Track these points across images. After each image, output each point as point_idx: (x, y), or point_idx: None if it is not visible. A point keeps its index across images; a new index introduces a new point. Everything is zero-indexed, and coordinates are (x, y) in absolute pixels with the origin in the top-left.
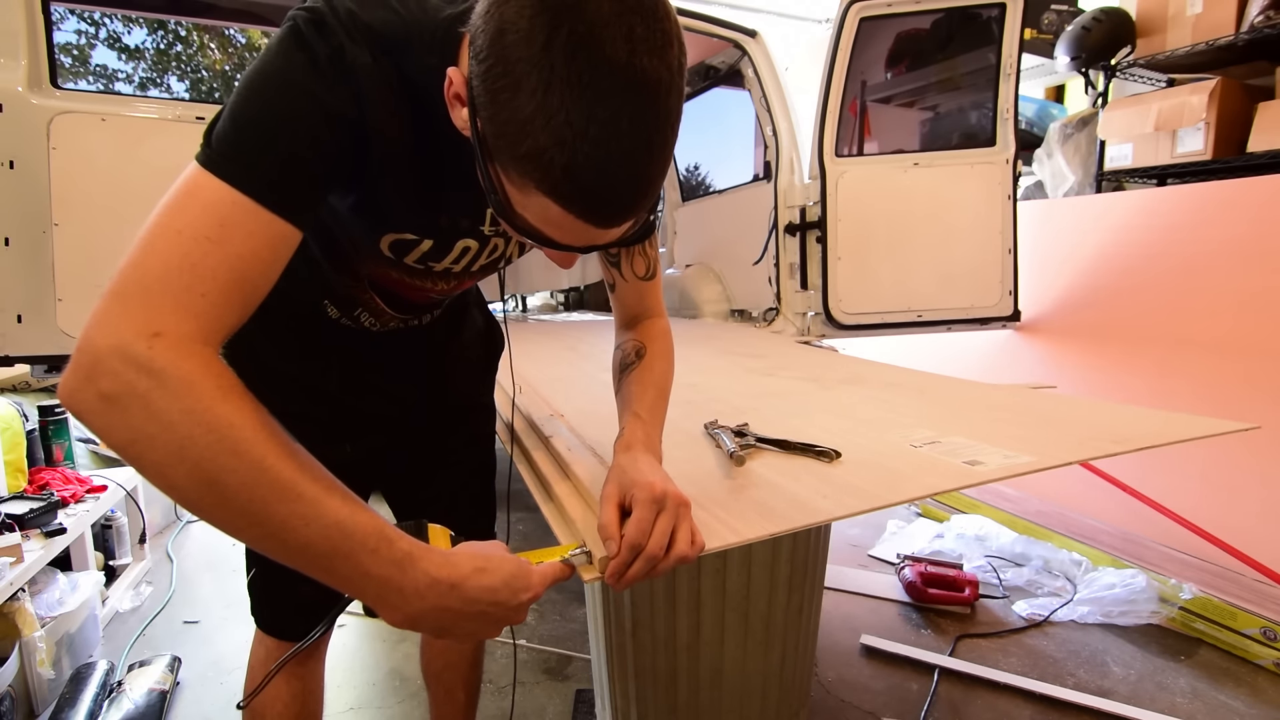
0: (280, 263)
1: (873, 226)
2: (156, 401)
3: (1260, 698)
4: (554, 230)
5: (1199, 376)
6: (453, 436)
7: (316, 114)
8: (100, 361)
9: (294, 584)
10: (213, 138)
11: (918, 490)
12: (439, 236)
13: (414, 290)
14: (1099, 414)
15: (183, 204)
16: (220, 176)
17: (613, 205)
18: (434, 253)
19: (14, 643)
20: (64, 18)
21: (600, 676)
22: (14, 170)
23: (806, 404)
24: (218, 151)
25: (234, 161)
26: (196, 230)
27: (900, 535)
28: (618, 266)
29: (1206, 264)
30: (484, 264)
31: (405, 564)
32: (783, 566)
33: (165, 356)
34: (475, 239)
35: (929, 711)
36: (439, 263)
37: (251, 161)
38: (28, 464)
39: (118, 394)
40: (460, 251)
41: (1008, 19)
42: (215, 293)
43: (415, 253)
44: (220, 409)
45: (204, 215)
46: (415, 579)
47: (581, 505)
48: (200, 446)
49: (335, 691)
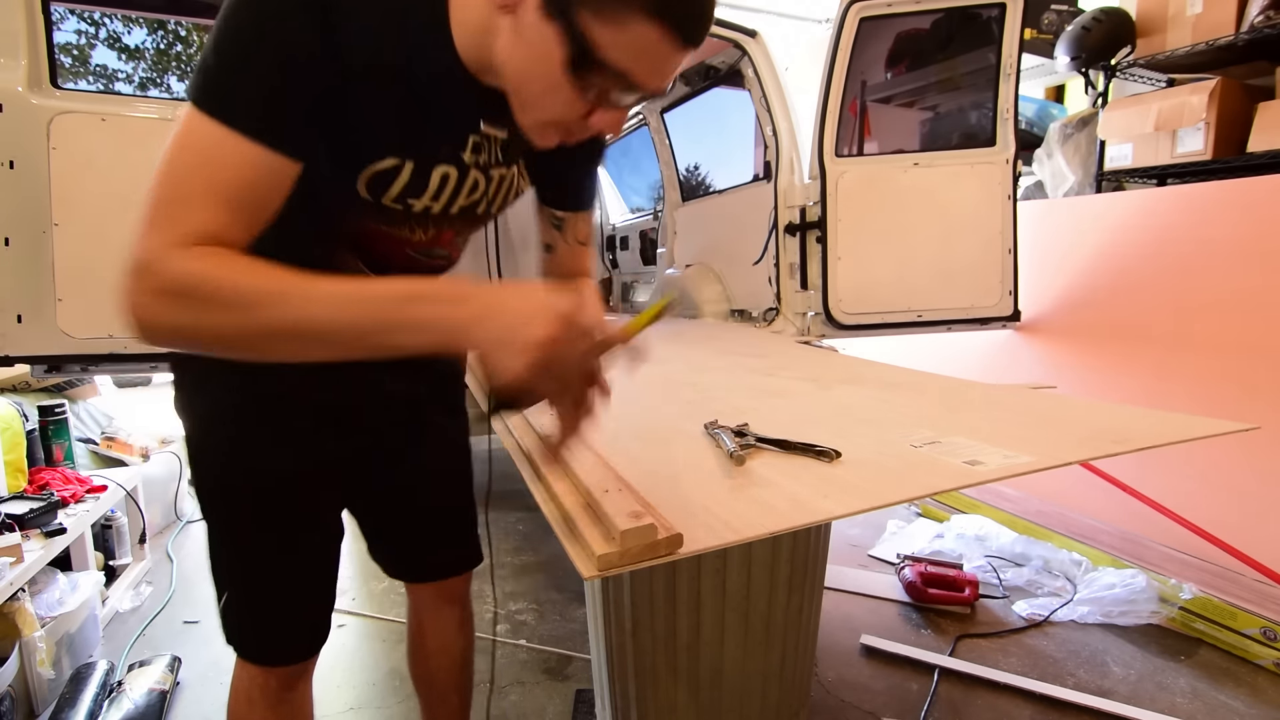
0: (276, 191)
1: (873, 226)
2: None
3: (1260, 698)
4: (641, 63)
5: (1198, 376)
6: (432, 406)
7: (294, 36)
8: (136, 278)
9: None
10: (204, 76)
11: (918, 490)
12: (418, 159)
13: (393, 244)
14: (1099, 414)
15: (178, 154)
16: (205, 112)
17: (702, 17)
18: (412, 185)
19: (14, 643)
20: (64, 18)
21: (600, 676)
22: (14, 170)
23: (806, 404)
24: (200, 86)
25: (214, 96)
26: (189, 173)
27: (900, 535)
28: (561, 230)
29: (1206, 264)
30: (463, 205)
31: (454, 290)
32: (783, 566)
33: (177, 257)
34: (455, 166)
35: (929, 711)
36: (418, 199)
37: (230, 93)
38: (28, 464)
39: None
40: (439, 181)
41: (1008, 19)
42: (208, 214)
43: (394, 186)
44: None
45: (194, 158)
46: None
47: (581, 505)
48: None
49: (335, 691)
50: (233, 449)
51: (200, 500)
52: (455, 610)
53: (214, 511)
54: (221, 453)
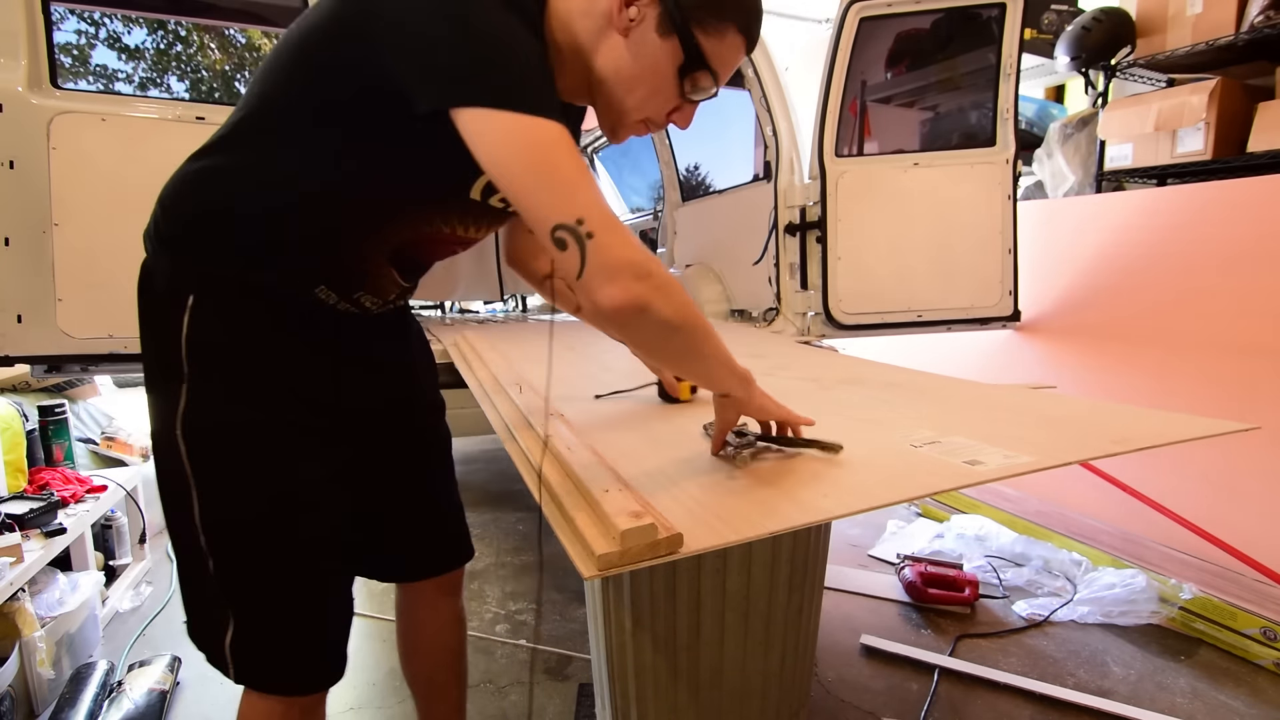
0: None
1: (873, 226)
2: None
3: (1260, 698)
4: (726, 67)
5: (1199, 376)
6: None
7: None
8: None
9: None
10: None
11: (918, 490)
12: None
13: (445, 244)
14: (1099, 414)
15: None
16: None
17: (760, 30)
18: None
19: (14, 643)
20: (64, 18)
21: (600, 676)
22: (14, 170)
23: (806, 404)
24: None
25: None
26: (571, 166)
27: (900, 535)
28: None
29: (1206, 264)
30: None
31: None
32: (783, 566)
33: (650, 266)
34: None
35: (929, 711)
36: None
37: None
38: (28, 464)
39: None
40: None
41: (1008, 19)
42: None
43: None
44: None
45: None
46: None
47: (581, 505)
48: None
49: (335, 691)
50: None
51: (207, 529)
52: (453, 603)
53: (229, 538)
54: (245, 473)
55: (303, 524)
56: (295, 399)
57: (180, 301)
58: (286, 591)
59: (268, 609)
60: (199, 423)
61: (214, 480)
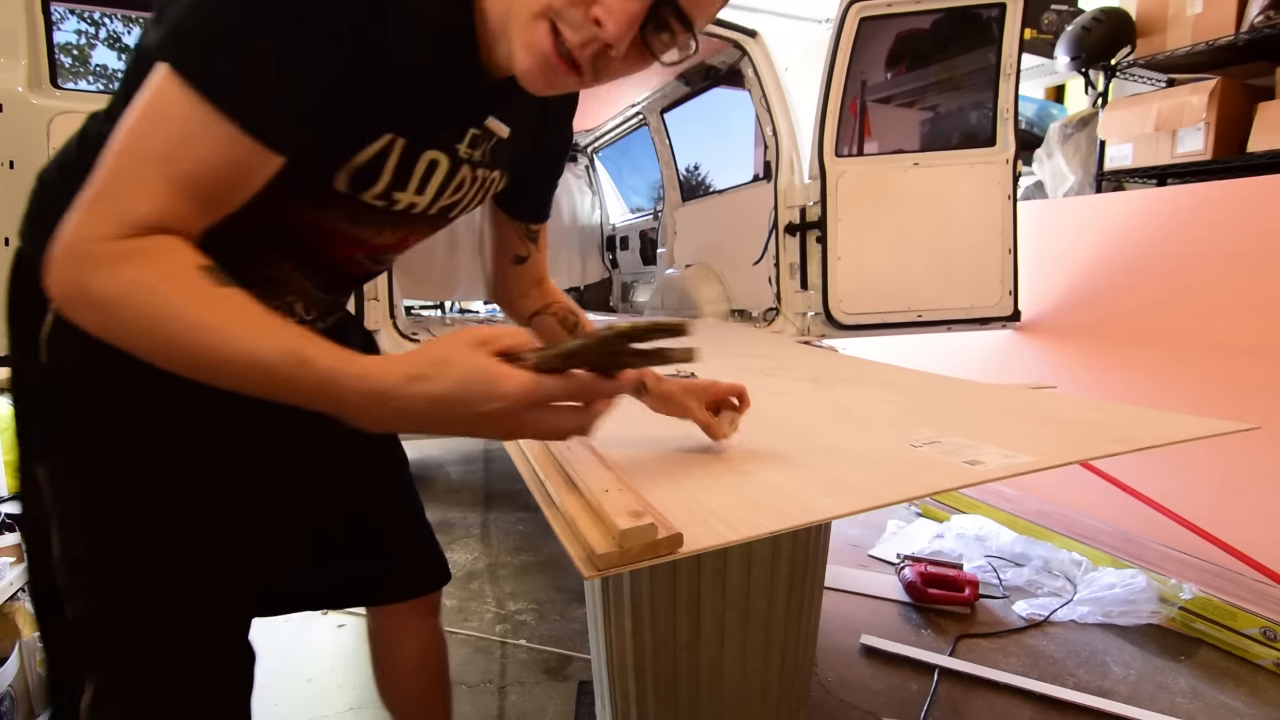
0: (251, 186)
1: (873, 226)
2: (97, 284)
3: (1260, 698)
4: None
5: (1199, 376)
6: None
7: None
8: (57, 264)
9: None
10: (185, 28)
11: (918, 490)
12: (411, 139)
13: (345, 246)
14: (1099, 414)
15: (140, 125)
16: (188, 81)
17: None
18: (398, 173)
19: (14, 643)
20: (64, 18)
21: (600, 676)
22: (14, 170)
23: (807, 404)
24: (184, 40)
25: (204, 63)
26: (147, 152)
27: (900, 535)
28: (535, 241)
29: (1206, 264)
30: (443, 204)
31: (330, 386)
32: (783, 566)
33: (100, 251)
34: (447, 156)
35: (929, 711)
36: (403, 193)
37: (227, 64)
38: None
39: (69, 285)
40: (425, 168)
41: (1008, 19)
42: (157, 202)
43: (382, 177)
44: (136, 277)
45: (156, 137)
46: (347, 397)
47: (581, 504)
48: (140, 308)
49: (335, 691)
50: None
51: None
52: (434, 623)
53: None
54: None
55: (181, 566)
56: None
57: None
58: (158, 649)
59: (135, 670)
60: (62, 440)
61: (77, 509)
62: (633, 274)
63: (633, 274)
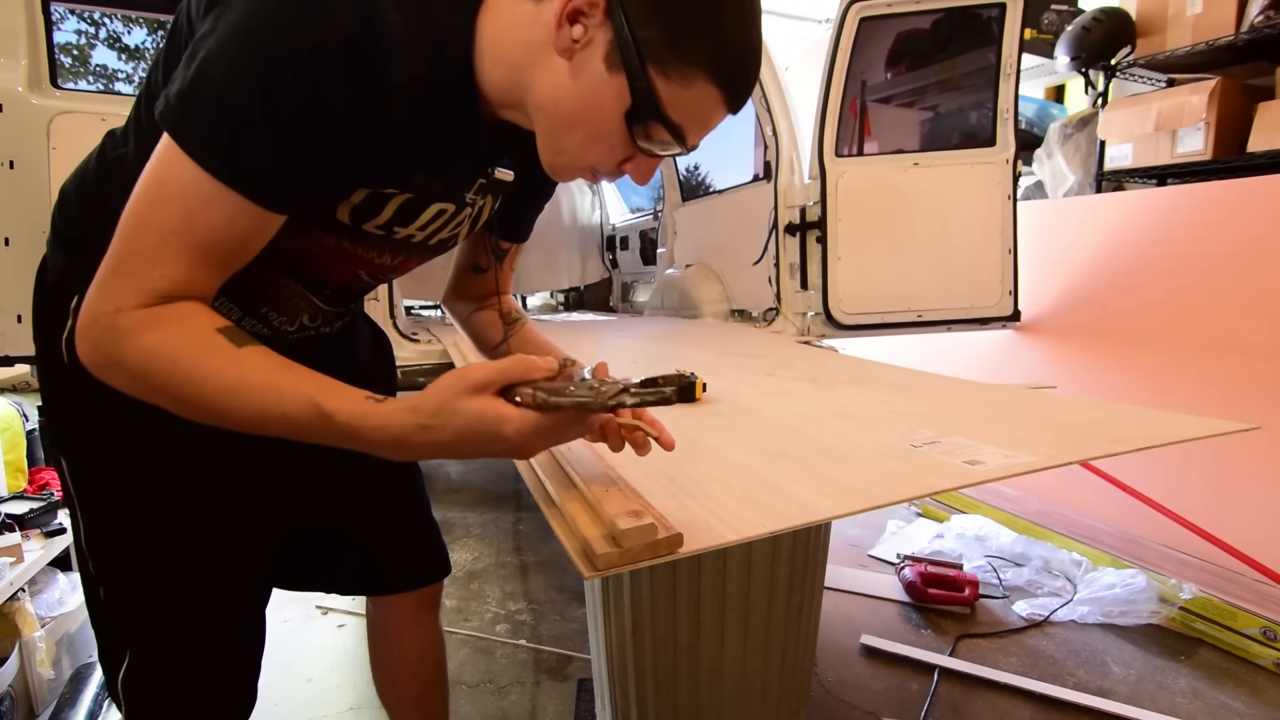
0: (260, 241)
1: (873, 226)
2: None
3: (1260, 698)
4: (694, 122)
5: (1199, 376)
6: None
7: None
8: (84, 332)
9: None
10: (189, 103)
11: (918, 490)
12: (417, 194)
13: (347, 262)
14: (1099, 414)
15: (153, 195)
16: (190, 156)
17: (749, 88)
18: (401, 215)
19: (14, 643)
20: (64, 18)
21: (600, 676)
22: (14, 170)
23: (807, 404)
24: (187, 117)
25: (205, 139)
26: (163, 224)
27: (900, 535)
28: (501, 259)
29: (1206, 264)
30: (443, 237)
31: (350, 435)
32: (783, 566)
33: (124, 322)
34: (454, 203)
35: (929, 711)
36: (404, 228)
37: (228, 140)
38: (28, 464)
39: (97, 353)
40: (433, 215)
41: (1008, 19)
42: (175, 272)
43: (383, 215)
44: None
45: (170, 208)
46: (368, 444)
47: (581, 505)
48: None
49: (335, 691)
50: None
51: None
52: (434, 617)
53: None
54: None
55: (195, 553)
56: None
57: (65, 302)
58: (180, 628)
59: (161, 646)
60: (73, 435)
61: (93, 501)
62: (633, 274)
63: (633, 274)
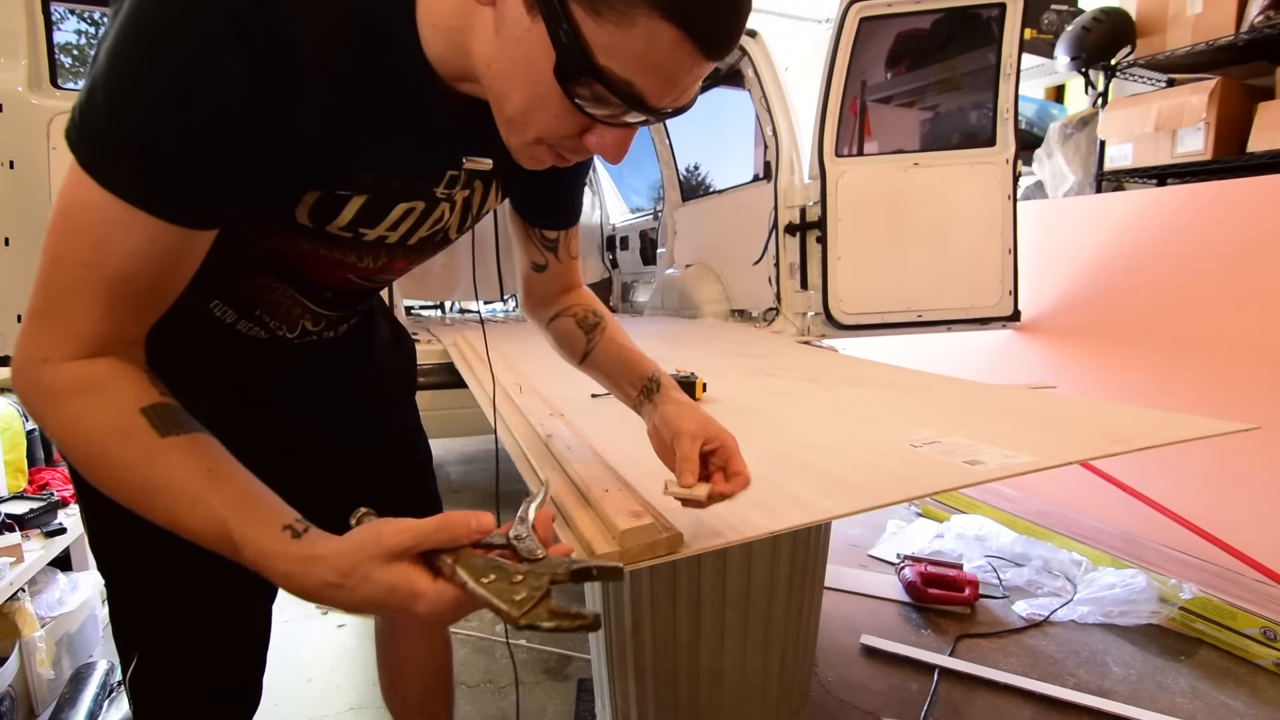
0: (190, 262)
1: (873, 226)
2: (45, 416)
3: (1260, 698)
4: (649, 73)
5: (1199, 376)
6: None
7: (209, 72)
8: (14, 379)
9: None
10: (83, 118)
11: (918, 490)
12: (377, 194)
13: (330, 268)
14: (1099, 414)
15: (62, 226)
16: (95, 178)
17: (728, 22)
18: (365, 216)
19: (14, 643)
20: (64, 18)
21: (600, 676)
22: (14, 170)
23: (807, 404)
24: (86, 137)
25: (105, 158)
26: (75, 258)
27: (900, 535)
28: (555, 250)
29: (1206, 264)
30: (423, 235)
31: (257, 569)
32: (783, 566)
33: (49, 378)
34: (423, 200)
35: (929, 711)
36: (371, 229)
37: (128, 157)
38: (28, 464)
39: (27, 404)
40: (401, 215)
41: (1008, 19)
42: (97, 314)
43: (343, 215)
44: (79, 425)
45: (80, 239)
46: (274, 579)
47: (581, 505)
48: (78, 453)
49: (335, 691)
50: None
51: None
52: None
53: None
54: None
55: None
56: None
57: None
58: (181, 625)
59: (163, 643)
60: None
61: (93, 499)
62: (633, 274)
63: (633, 274)
